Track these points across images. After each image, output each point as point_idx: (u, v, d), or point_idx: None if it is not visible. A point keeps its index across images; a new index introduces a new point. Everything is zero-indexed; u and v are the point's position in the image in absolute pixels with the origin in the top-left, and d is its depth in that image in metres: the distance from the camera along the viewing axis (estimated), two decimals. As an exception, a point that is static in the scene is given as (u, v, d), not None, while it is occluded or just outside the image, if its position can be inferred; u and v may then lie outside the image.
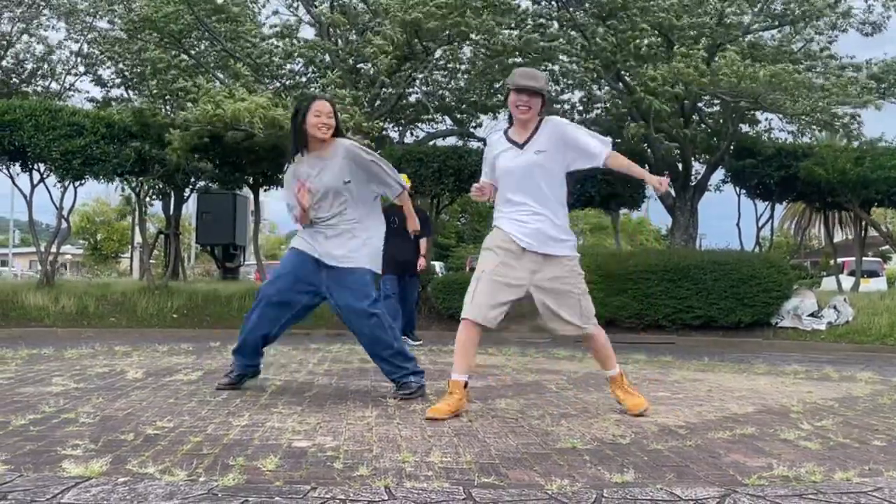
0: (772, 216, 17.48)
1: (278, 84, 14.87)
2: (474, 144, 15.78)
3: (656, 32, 12.51)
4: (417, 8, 12.02)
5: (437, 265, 28.81)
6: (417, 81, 15.48)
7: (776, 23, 14.86)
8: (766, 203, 16.70)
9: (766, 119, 16.14)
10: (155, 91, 14.26)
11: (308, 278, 4.77)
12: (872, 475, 3.00)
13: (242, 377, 4.96)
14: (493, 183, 4.32)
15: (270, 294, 4.80)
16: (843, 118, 12.86)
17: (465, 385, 4.15)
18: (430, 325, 12.76)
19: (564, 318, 4.15)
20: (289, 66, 15.36)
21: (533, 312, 4.21)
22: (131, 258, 34.51)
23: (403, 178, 5.08)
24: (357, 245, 4.72)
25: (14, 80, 20.25)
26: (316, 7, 15.16)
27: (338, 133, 4.76)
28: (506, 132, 4.30)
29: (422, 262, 9.47)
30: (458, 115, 16.86)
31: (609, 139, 4.36)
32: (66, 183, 13.88)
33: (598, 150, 4.22)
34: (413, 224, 5.13)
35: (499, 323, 4.13)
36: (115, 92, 20.03)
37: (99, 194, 38.19)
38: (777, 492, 2.72)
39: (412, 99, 16.11)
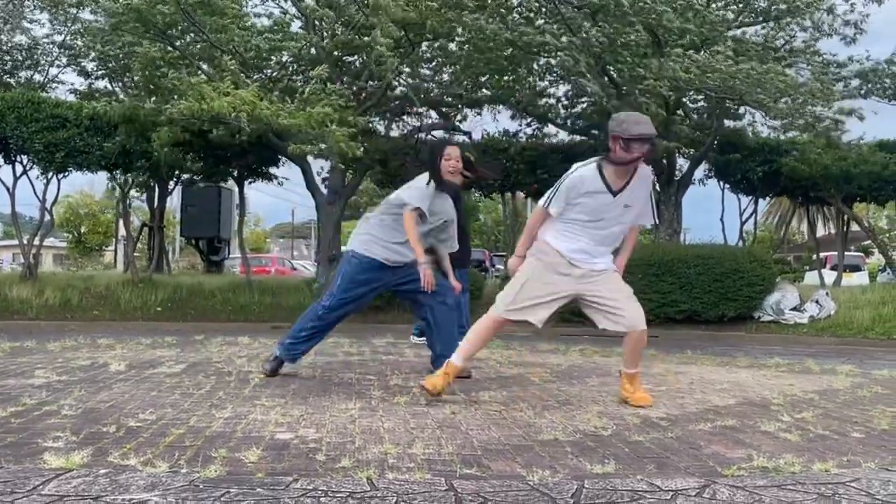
0: (755, 211, 17.65)
1: (264, 76, 14.78)
2: (459, 138, 15.77)
3: (641, 28, 12.47)
4: (413, 4, 11.93)
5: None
6: (403, 75, 15.42)
7: (760, 18, 14.90)
8: (750, 198, 16.83)
9: (750, 113, 16.21)
10: (140, 84, 14.14)
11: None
12: (851, 466, 3.04)
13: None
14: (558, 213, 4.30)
15: None
16: (825, 122, 12.85)
17: None
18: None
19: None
20: (275, 59, 15.28)
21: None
22: (115, 251, 34.27)
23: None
24: None
25: (-3, 71, 20.04)
26: (302, 1, 15.06)
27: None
28: (601, 169, 4.17)
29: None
30: (444, 109, 16.82)
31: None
32: (49, 175, 13.79)
33: (648, 220, 4.57)
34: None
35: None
36: (99, 84, 19.87)
37: (83, 186, 37.95)
38: (756, 482, 2.74)
39: (397, 92, 16.06)
